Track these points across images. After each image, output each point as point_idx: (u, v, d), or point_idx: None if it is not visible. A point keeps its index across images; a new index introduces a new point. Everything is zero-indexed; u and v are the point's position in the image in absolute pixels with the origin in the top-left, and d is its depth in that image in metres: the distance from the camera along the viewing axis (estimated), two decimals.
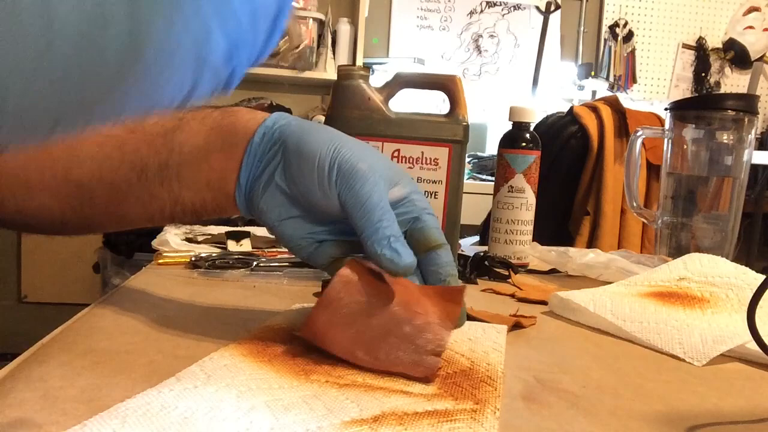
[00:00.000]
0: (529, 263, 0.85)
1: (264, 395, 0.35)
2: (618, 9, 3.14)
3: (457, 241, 0.71)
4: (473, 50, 3.01)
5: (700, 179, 0.89)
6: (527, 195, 0.83)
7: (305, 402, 0.34)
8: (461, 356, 0.44)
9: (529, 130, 0.85)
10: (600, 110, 1.48)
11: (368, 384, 0.38)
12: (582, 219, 1.47)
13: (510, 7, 3.02)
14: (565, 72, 3.01)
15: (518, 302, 0.65)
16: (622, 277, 0.76)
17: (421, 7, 2.96)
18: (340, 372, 0.39)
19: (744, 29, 3.18)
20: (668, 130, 0.91)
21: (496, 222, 0.84)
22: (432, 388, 0.38)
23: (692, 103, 1.01)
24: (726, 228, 0.88)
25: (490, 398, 0.37)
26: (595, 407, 0.38)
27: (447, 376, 0.40)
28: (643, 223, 1.45)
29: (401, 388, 0.37)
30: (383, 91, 0.68)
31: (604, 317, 0.56)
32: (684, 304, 0.58)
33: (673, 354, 0.50)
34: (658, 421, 0.37)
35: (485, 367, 0.42)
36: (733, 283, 0.61)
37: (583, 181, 1.48)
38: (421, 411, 0.35)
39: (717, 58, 3.22)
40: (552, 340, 0.53)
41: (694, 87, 3.22)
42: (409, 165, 0.68)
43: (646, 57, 3.18)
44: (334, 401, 0.35)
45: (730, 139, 0.88)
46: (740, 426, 0.38)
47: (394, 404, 0.35)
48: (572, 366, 0.46)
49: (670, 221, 0.91)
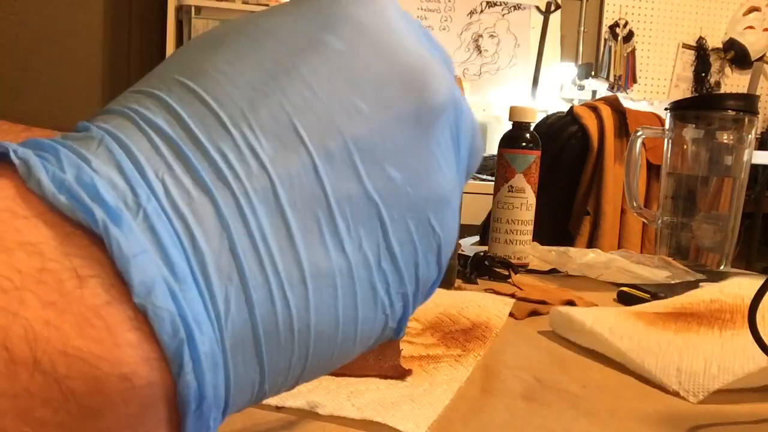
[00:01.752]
0: (529, 263, 0.85)
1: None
2: (618, 9, 3.14)
3: (457, 241, 0.71)
4: (473, 50, 3.01)
5: (700, 179, 0.89)
6: (527, 195, 0.83)
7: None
8: (466, 318, 0.51)
9: (529, 130, 0.85)
10: (600, 110, 1.48)
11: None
12: (582, 219, 1.47)
13: (510, 7, 3.02)
14: (565, 72, 3.01)
15: (518, 302, 0.65)
16: (622, 277, 0.76)
17: (421, 7, 2.96)
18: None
19: (744, 29, 3.18)
20: (668, 130, 0.91)
21: (496, 222, 0.84)
22: (432, 339, 0.46)
23: (692, 103, 1.01)
24: (726, 228, 0.88)
25: (477, 348, 0.45)
26: (595, 407, 0.38)
27: (448, 332, 0.48)
28: (643, 223, 1.45)
29: (406, 338, 0.46)
30: None
31: (600, 334, 0.49)
32: (701, 324, 0.50)
33: (666, 386, 0.42)
34: (658, 421, 0.37)
35: (483, 329, 0.49)
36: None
37: (583, 181, 1.48)
38: (416, 355, 0.43)
39: (717, 58, 3.22)
40: (552, 340, 0.53)
41: (694, 87, 3.22)
42: None
43: (646, 57, 3.19)
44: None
45: (730, 139, 0.87)
46: (740, 426, 0.38)
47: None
48: (572, 366, 0.46)
49: (670, 221, 0.91)
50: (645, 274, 0.76)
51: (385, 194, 0.19)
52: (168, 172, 0.16)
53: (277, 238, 0.17)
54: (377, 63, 0.19)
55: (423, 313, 0.53)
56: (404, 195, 0.19)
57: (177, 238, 0.16)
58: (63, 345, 0.14)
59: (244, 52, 0.19)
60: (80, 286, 0.14)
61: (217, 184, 0.17)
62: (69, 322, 0.14)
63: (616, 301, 0.69)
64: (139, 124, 0.17)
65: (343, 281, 0.18)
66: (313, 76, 0.18)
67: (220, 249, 0.16)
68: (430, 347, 0.45)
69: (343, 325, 0.19)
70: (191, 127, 0.17)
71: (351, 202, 0.18)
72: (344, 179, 0.18)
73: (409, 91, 0.20)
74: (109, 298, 0.15)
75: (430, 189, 0.20)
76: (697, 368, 0.42)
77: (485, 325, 0.50)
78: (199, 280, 0.16)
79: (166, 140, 0.17)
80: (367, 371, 0.39)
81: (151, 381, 0.15)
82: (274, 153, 0.17)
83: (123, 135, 0.17)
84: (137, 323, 0.15)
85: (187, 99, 0.18)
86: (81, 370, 0.14)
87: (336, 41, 0.19)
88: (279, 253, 0.17)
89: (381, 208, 0.19)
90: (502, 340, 0.51)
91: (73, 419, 0.14)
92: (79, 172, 0.15)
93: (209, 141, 0.17)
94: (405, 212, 0.20)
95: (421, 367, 0.41)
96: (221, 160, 0.17)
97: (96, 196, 0.15)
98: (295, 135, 0.18)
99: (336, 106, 0.18)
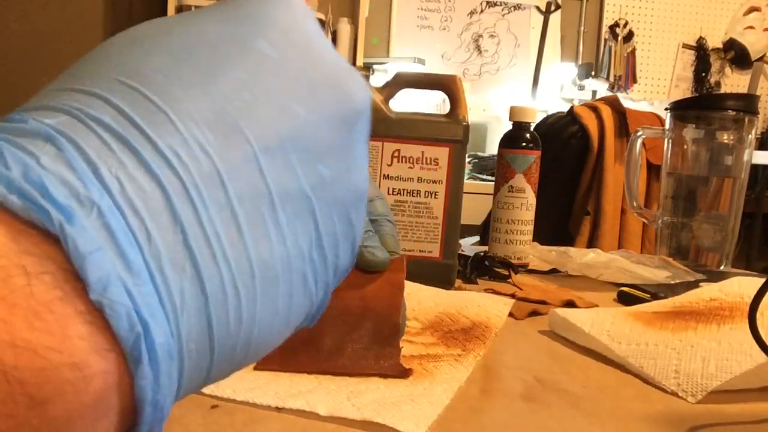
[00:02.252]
0: (529, 263, 0.85)
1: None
2: (618, 9, 3.14)
3: (457, 241, 0.71)
4: (473, 50, 3.01)
5: (700, 179, 0.89)
6: (527, 195, 0.83)
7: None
8: (465, 318, 0.51)
9: (529, 130, 0.85)
10: (600, 110, 1.48)
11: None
12: (582, 219, 1.47)
13: (510, 7, 3.02)
14: (565, 72, 3.01)
15: (518, 302, 0.65)
16: (622, 277, 0.76)
17: (421, 7, 2.96)
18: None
19: (744, 29, 3.18)
20: (668, 130, 0.91)
21: (496, 222, 0.84)
22: (432, 338, 0.47)
23: (692, 103, 1.01)
24: (726, 228, 0.88)
25: (476, 348, 0.45)
26: (595, 407, 0.38)
27: (448, 332, 0.48)
28: (643, 223, 1.45)
29: (406, 338, 0.45)
30: (383, 91, 0.68)
31: (598, 338, 0.49)
32: (699, 321, 0.49)
33: (664, 387, 0.43)
34: (658, 421, 0.37)
35: (482, 329, 0.50)
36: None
37: (583, 181, 1.48)
38: (416, 354, 0.43)
39: (717, 58, 3.22)
40: (552, 340, 0.53)
41: (694, 87, 3.22)
42: (410, 165, 0.68)
43: (647, 57, 3.18)
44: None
45: (730, 139, 0.87)
46: (740, 426, 0.38)
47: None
48: (572, 366, 0.46)
49: (671, 221, 0.91)
50: (645, 274, 0.76)
51: (317, 190, 0.20)
52: (120, 168, 0.17)
53: (227, 231, 0.18)
54: (307, 68, 0.21)
55: (423, 312, 0.53)
56: (332, 190, 0.21)
57: (131, 233, 0.16)
58: (11, 337, 0.14)
59: (179, 54, 0.19)
60: (29, 283, 0.15)
61: (169, 178, 0.17)
62: (18, 315, 0.14)
63: (616, 301, 0.69)
64: (85, 121, 0.17)
65: (283, 272, 0.19)
66: (250, 78, 0.19)
67: (174, 242, 0.17)
68: (429, 346, 0.45)
69: (281, 314, 0.20)
70: (139, 123, 0.17)
71: (289, 196, 0.19)
72: (283, 175, 0.19)
73: (336, 95, 0.21)
74: (61, 294, 0.15)
75: (351, 185, 0.22)
76: (694, 368, 0.42)
77: (485, 325, 0.50)
78: (154, 273, 0.16)
79: (116, 137, 0.17)
80: (367, 370, 0.39)
81: (102, 370, 0.15)
82: (221, 149, 0.18)
83: (69, 131, 0.17)
84: (90, 317, 0.15)
85: (130, 97, 0.18)
86: (30, 361, 0.14)
87: (266, 46, 0.20)
88: (230, 246, 0.18)
89: (314, 203, 0.20)
90: (502, 340, 0.51)
91: (21, 409, 0.14)
92: (25, 169, 0.16)
93: (158, 137, 0.17)
94: (332, 207, 0.21)
95: (421, 365, 0.42)
96: (172, 155, 0.17)
97: (46, 195, 0.15)
98: (239, 132, 0.19)
99: (274, 107, 0.20)
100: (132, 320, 0.16)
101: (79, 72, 0.19)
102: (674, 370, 0.43)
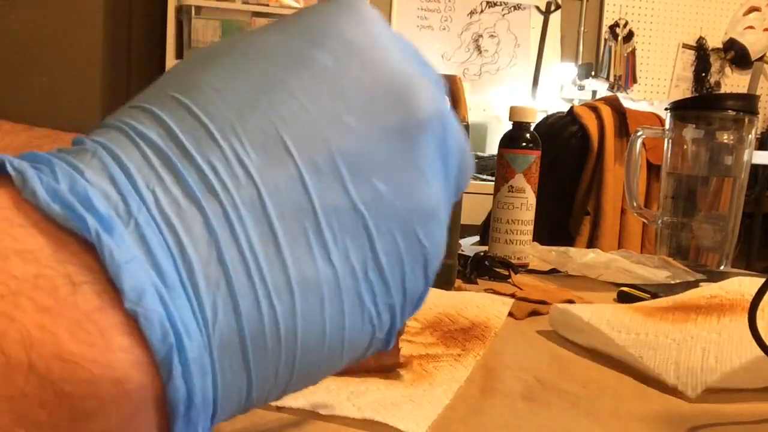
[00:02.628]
0: (529, 263, 0.85)
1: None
2: (618, 9, 3.14)
3: (457, 241, 0.71)
4: (473, 50, 3.01)
5: (700, 179, 0.89)
6: (527, 195, 0.83)
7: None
8: (465, 318, 0.51)
9: (529, 130, 0.85)
10: (600, 110, 1.48)
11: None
12: (582, 219, 1.47)
13: (510, 7, 3.02)
14: (565, 72, 3.01)
15: (518, 302, 0.65)
16: (622, 277, 0.76)
17: (421, 7, 2.96)
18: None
19: (744, 29, 3.18)
20: (668, 130, 0.91)
21: (496, 222, 0.84)
22: (431, 338, 0.47)
23: (692, 103, 1.01)
24: (726, 228, 0.88)
25: (476, 347, 0.45)
26: (595, 407, 0.38)
27: (447, 332, 0.48)
28: (643, 223, 1.45)
29: (405, 338, 0.46)
30: None
31: (598, 327, 0.49)
32: (699, 313, 0.49)
33: (663, 381, 0.42)
34: (658, 420, 0.37)
35: (482, 329, 0.50)
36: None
37: (583, 181, 1.48)
38: (416, 354, 0.44)
39: (717, 58, 3.22)
40: (552, 340, 0.53)
41: (694, 87, 3.22)
42: None
43: (646, 57, 3.18)
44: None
45: (730, 139, 0.87)
46: (740, 426, 0.38)
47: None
48: (572, 366, 0.46)
49: (671, 221, 0.91)
50: (645, 274, 0.76)
51: (371, 206, 0.19)
52: (158, 183, 0.17)
53: (264, 247, 0.17)
54: (364, 78, 0.20)
55: (422, 312, 0.53)
56: (390, 207, 0.20)
57: (166, 247, 0.16)
58: (57, 349, 0.14)
59: (235, 67, 0.19)
60: (74, 292, 0.15)
61: (205, 194, 0.17)
62: (63, 326, 0.14)
63: (615, 301, 0.69)
64: (131, 137, 0.18)
65: (329, 290, 0.19)
66: (300, 90, 0.19)
67: (208, 257, 0.17)
68: (429, 346, 0.46)
69: (330, 334, 0.19)
70: (182, 139, 0.18)
71: (337, 213, 0.19)
72: (331, 191, 0.19)
73: (394, 105, 0.20)
74: (101, 303, 0.15)
75: (415, 201, 0.20)
76: (694, 361, 0.42)
77: (484, 325, 0.51)
78: (187, 287, 0.16)
79: (158, 152, 0.17)
80: (367, 368, 0.39)
81: (141, 385, 0.15)
82: (262, 164, 0.18)
83: (116, 147, 0.17)
84: (128, 328, 0.15)
85: (178, 113, 0.18)
86: (74, 374, 0.14)
87: (324, 57, 0.20)
88: (266, 261, 0.17)
89: (367, 220, 0.19)
90: (501, 340, 0.51)
91: (66, 421, 0.14)
92: (72, 182, 0.16)
93: (199, 153, 0.18)
94: (391, 224, 0.20)
95: (421, 366, 0.42)
96: (210, 172, 0.17)
97: (89, 206, 0.16)
98: (283, 147, 0.18)
99: (323, 119, 0.19)
100: (165, 330, 0.16)
101: (150, 87, 0.20)
102: (674, 362, 0.43)
